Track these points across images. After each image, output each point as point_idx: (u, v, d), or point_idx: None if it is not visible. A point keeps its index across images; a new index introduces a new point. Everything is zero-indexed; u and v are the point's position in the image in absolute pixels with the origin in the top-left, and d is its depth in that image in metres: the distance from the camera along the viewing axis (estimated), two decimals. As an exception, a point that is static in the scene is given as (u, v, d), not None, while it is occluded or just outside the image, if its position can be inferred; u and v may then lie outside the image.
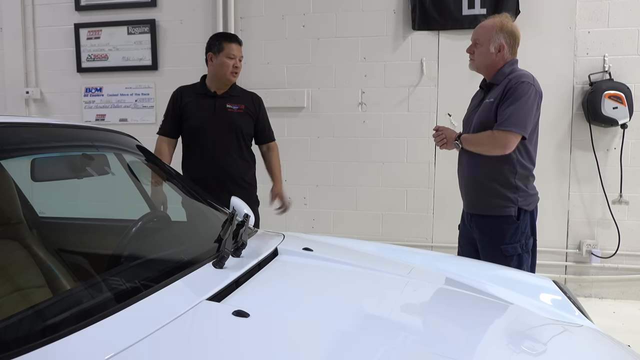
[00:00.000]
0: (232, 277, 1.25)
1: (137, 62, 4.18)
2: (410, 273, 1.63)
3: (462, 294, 1.56)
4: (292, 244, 1.70)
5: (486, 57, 2.27)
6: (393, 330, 1.15)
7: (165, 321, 0.98)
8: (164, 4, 4.12)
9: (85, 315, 0.99)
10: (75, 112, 4.31)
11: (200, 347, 0.93)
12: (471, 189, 2.32)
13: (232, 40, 2.73)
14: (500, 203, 2.20)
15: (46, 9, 4.28)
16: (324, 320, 1.12)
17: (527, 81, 2.18)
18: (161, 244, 1.57)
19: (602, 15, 3.56)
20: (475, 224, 2.32)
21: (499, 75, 2.26)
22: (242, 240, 1.42)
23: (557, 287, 1.79)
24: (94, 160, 1.54)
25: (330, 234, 4.00)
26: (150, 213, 1.72)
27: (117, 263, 1.48)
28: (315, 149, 3.97)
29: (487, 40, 2.26)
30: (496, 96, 2.20)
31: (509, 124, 2.12)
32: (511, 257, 2.20)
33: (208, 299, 1.11)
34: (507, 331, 1.42)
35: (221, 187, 2.63)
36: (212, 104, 2.70)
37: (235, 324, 1.00)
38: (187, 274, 1.24)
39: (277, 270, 1.42)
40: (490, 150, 2.18)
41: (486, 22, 2.30)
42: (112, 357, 0.86)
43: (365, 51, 3.88)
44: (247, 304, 1.13)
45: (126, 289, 1.17)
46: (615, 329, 3.07)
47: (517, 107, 2.13)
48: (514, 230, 2.20)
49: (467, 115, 2.45)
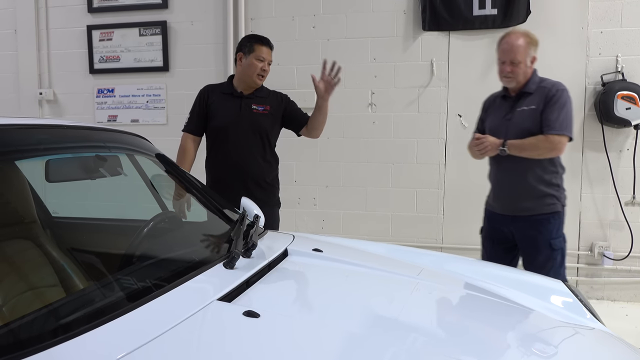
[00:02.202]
0: (243, 277, 1.25)
1: (149, 63, 4.22)
2: (420, 274, 1.62)
3: (472, 295, 1.56)
4: (302, 245, 1.70)
5: (525, 72, 2.45)
6: (402, 332, 1.15)
7: (176, 321, 0.99)
8: (175, 5, 4.15)
9: (97, 316, 1.00)
10: (87, 113, 4.36)
11: (210, 347, 0.93)
12: (518, 195, 2.44)
13: (264, 43, 2.71)
14: (547, 201, 2.41)
15: (59, 11, 4.33)
16: (334, 321, 1.13)
17: (565, 89, 2.43)
18: (172, 245, 1.58)
19: (614, 15, 3.53)
20: (520, 225, 2.46)
21: (531, 84, 2.46)
22: (253, 241, 1.43)
23: (568, 290, 1.77)
24: (107, 162, 1.56)
25: (340, 234, 4.01)
26: (161, 213, 1.74)
27: (129, 263, 1.49)
28: (325, 149, 3.98)
29: (524, 58, 2.44)
30: (537, 103, 2.39)
31: (560, 128, 2.33)
32: (558, 250, 2.43)
33: (219, 300, 1.12)
34: (517, 333, 1.42)
35: (243, 188, 2.63)
36: (237, 104, 2.69)
37: (246, 325, 1.01)
38: (198, 274, 1.25)
39: (287, 271, 1.43)
40: (544, 154, 2.37)
41: (518, 41, 2.45)
42: (123, 357, 0.87)
43: (375, 52, 3.88)
44: (257, 304, 1.14)
45: (137, 289, 1.18)
46: (628, 332, 3.04)
47: (565, 113, 2.36)
48: (559, 224, 2.44)
49: (495, 123, 2.55)
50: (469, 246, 3.84)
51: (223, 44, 4.08)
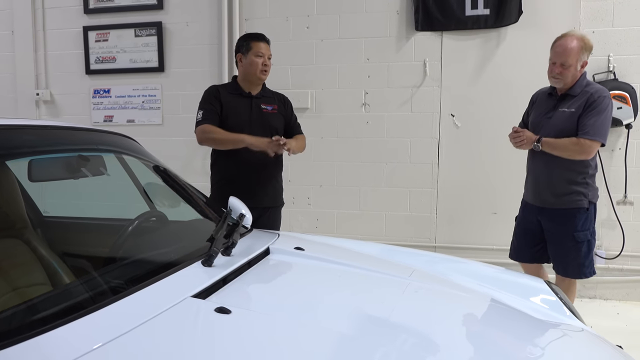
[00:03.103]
0: (220, 275, 1.28)
1: (144, 63, 4.25)
2: (403, 273, 1.64)
3: (452, 293, 1.58)
4: (285, 243, 1.72)
5: (574, 75, 2.53)
6: (377, 330, 1.16)
7: (148, 317, 1.02)
8: (170, 6, 4.18)
9: (74, 310, 1.03)
10: (84, 114, 4.39)
11: (178, 341, 0.96)
12: (547, 187, 2.60)
13: (260, 39, 2.74)
14: (573, 198, 2.54)
15: (56, 12, 4.36)
16: (305, 318, 1.15)
17: (607, 95, 2.51)
18: (156, 243, 1.60)
19: (606, 15, 3.54)
20: (546, 216, 2.63)
21: (577, 87, 2.55)
22: (232, 240, 1.45)
23: (548, 288, 1.79)
24: (90, 162, 1.58)
25: (334, 234, 4.03)
26: (146, 212, 1.76)
27: (113, 261, 1.52)
28: (319, 149, 4.00)
29: (575, 61, 2.51)
30: (577, 107, 2.49)
31: (594, 134, 2.43)
32: (582, 243, 2.56)
33: (193, 296, 1.14)
34: (501, 333, 1.42)
35: (257, 187, 2.68)
36: (248, 104, 2.71)
37: (216, 320, 1.03)
38: (176, 271, 1.27)
39: (266, 269, 1.45)
40: (573, 156, 2.48)
41: (572, 45, 2.51)
42: (96, 349, 0.90)
43: (368, 52, 3.90)
44: (231, 301, 1.16)
45: (116, 285, 1.21)
46: (619, 331, 3.06)
47: (601, 119, 2.45)
48: (585, 219, 2.55)
49: (536, 118, 2.69)
50: (463, 245, 3.87)
51: (218, 45, 4.11)
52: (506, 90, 3.70)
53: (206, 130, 2.61)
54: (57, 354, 0.90)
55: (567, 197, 2.54)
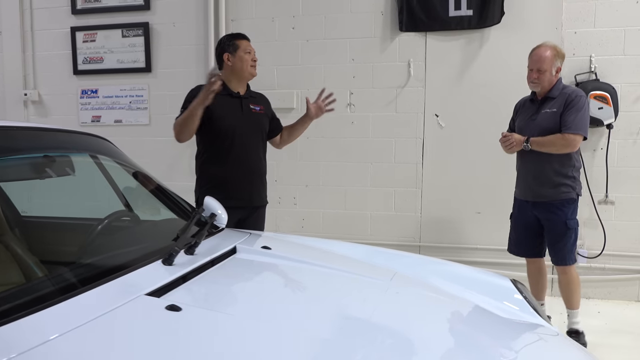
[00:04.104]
0: (179, 273, 1.30)
1: (132, 64, 4.27)
2: (370, 272, 1.66)
3: (412, 291, 1.60)
4: (253, 243, 1.75)
5: (550, 79, 2.83)
6: (333, 328, 1.18)
7: (98, 314, 1.04)
8: (157, 7, 4.20)
9: (26, 307, 1.05)
10: (72, 114, 4.41)
11: (123, 338, 0.98)
12: (538, 183, 2.84)
13: (243, 37, 2.77)
14: (563, 190, 2.80)
15: (44, 12, 4.38)
16: (259, 316, 1.17)
17: (583, 95, 2.81)
18: (123, 241, 1.63)
19: (588, 16, 3.56)
20: (541, 209, 2.87)
21: (555, 90, 2.83)
22: (195, 239, 1.48)
23: (514, 287, 1.81)
24: (55, 162, 1.60)
25: (320, 233, 4.06)
26: (117, 212, 1.78)
27: (80, 259, 1.54)
28: (305, 149, 4.02)
29: (550, 67, 2.81)
30: (558, 107, 2.77)
31: (576, 128, 2.71)
32: (573, 229, 2.83)
33: (147, 294, 1.16)
34: (476, 335, 1.43)
35: (249, 186, 2.70)
36: (238, 104, 2.71)
37: (165, 318, 1.05)
38: (135, 269, 1.29)
39: (228, 268, 1.47)
40: (560, 150, 2.75)
41: (546, 53, 2.82)
42: (38, 346, 0.92)
43: (353, 52, 3.92)
44: (185, 299, 1.18)
45: (74, 283, 1.23)
46: (598, 329, 3.09)
47: (581, 115, 2.73)
48: (573, 209, 2.84)
49: (522, 122, 2.94)
50: (447, 245, 3.89)
51: (204, 45, 4.13)
52: (489, 90, 3.73)
53: (174, 125, 2.61)
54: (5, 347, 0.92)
55: (557, 190, 2.80)
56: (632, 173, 3.57)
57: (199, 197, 2.73)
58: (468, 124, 3.78)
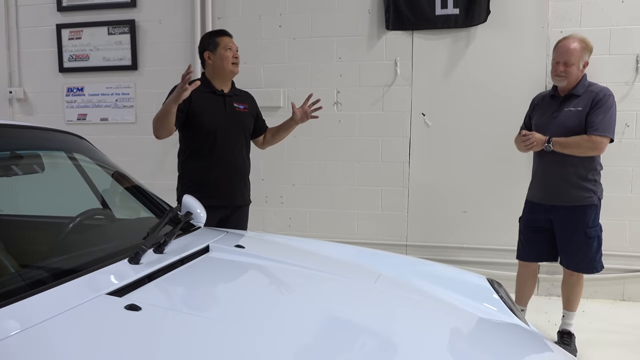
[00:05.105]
0: (144, 272, 1.28)
1: (118, 62, 4.24)
2: (338, 269, 1.64)
3: (382, 290, 1.58)
4: (227, 241, 1.73)
5: (577, 74, 2.66)
6: (300, 327, 1.16)
7: (55, 312, 1.02)
8: (143, 4, 4.17)
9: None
10: (57, 112, 4.37)
11: (76, 337, 0.96)
12: (558, 186, 2.69)
13: (224, 33, 2.72)
14: (584, 194, 2.65)
15: (29, 9, 4.34)
16: (220, 316, 1.15)
17: (612, 94, 2.65)
18: (93, 240, 1.60)
19: (574, 15, 3.56)
20: (558, 214, 2.71)
21: (580, 87, 2.67)
22: (164, 237, 1.46)
23: (491, 286, 1.80)
24: (22, 159, 1.58)
25: (307, 232, 4.04)
26: (90, 210, 1.76)
27: (50, 256, 1.52)
28: (292, 148, 4.00)
29: (577, 61, 2.64)
30: (584, 106, 2.61)
31: (604, 130, 2.56)
32: (593, 239, 2.68)
33: (109, 293, 1.14)
34: (445, 335, 1.41)
35: (231, 185, 2.67)
36: (222, 102, 2.67)
37: (122, 318, 1.04)
38: (101, 268, 1.28)
39: (197, 267, 1.45)
40: (585, 152, 2.60)
41: (574, 45, 2.66)
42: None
43: (340, 51, 3.90)
44: (147, 298, 1.16)
45: (37, 281, 1.21)
46: (582, 328, 3.08)
47: (609, 116, 2.58)
48: (595, 215, 2.68)
49: (542, 120, 2.76)
50: (433, 244, 3.89)
51: (191, 43, 4.10)
52: (476, 89, 3.72)
53: (153, 120, 2.55)
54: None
55: (579, 194, 2.65)
56: (618, 173, 3.57)
57: (180, 195, 2.70)
58: (455, 122, 3.78)
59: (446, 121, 3.79)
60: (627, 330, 3.15)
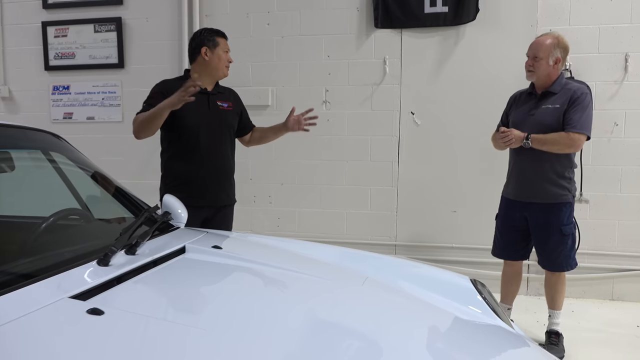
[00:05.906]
0: (112, 274, 1.24)
1: (104, 60, 4.19)
2: (315, 271, 1.60)
3: (355, 289, 1.55)
4: (205, 242, 1.69)
5: (546, 69, 2.66)
6: (270, 331, 1.13)
7: (14, 316, 0.98)
8: (130, 2, 4.12)
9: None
10: (43, 110, 4.32)
11: (33, 342, 0.92)
12: (534, 183, 2.70)
13: (224, 35, 2.71)
14: (561, 192, 2.67)
15: (14, 7, 4.28)
16: (188, 319, 1.11)
17: (589, 92, 2.69)
18: (65, 241, 1.56)
19: (563, 13, 3.54)
20: (533, 212, 2.72)
21: (557, 85, 2.68)
22: (136, 238, 1.42)
23: (473, 287, 1.77)
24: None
25: (295, 232, 4.01)
26: (64, 210, 1.71)
27: (15, 258, 1.47)
28: (280, 147, 3.96)
29: (546, 55, 2.65)
30: (561, 103, 2.62)
31: (581, 127, 2.58)
32: (569, 236, 2.71)
33: (72, 297, 1.10)
34: (431, 339, 1.39)
35: (215, 185, 2.63)
36: (205, 101, 2.62)
37: (83, 322, 1.00)
38: (67, 270, 1.23)
39: (170, 268, 1.41)
40: (563, 149, 2.62)
41: (545, 41, 2.68)
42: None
43: (329, 49, 3.87)
44: (112, 302, 1.12)
45: (3, 282, 1.17)
46: (571, 328, 3.07)
47: (586, 114, 2.60)
48: (569, 213, 2.71)
49: (519, 117, 2.77)
50: (423, 243, 3.86)
51: (178, 41, 4.06)
52: (465, 87, 3.70)
53: (135, 120, 2.51)
54: None
55: (555, 192, 2.67)
56: (606, 171, 3.56)
57: (163, 195, 2.66)
58: (444, 121, 3.75)
59: (435, 120, 3.76)
60: (616, 330, 3.13)
